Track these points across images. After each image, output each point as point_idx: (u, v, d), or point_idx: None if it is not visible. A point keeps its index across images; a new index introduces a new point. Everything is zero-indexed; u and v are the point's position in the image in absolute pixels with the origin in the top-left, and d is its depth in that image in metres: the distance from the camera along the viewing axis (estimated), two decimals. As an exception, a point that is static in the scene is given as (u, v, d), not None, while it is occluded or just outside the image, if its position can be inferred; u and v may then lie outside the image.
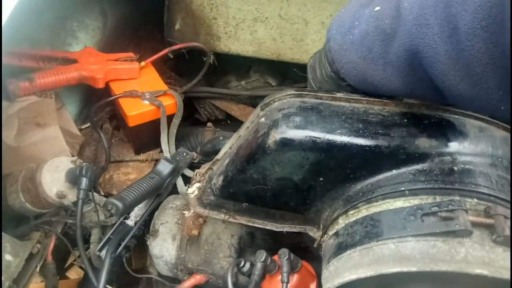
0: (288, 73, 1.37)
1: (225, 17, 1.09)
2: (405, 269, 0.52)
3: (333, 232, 0.67)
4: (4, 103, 0.83)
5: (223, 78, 1.41)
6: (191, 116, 1.39)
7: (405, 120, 0.64)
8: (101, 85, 0.95)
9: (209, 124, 1.21)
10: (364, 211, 0.63)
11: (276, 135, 0.63)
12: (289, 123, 0.63)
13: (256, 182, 0.71)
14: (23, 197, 0.75)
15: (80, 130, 1.03)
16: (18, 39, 0.87)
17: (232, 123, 1.38)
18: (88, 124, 1.06)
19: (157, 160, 1.06)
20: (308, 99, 0.67)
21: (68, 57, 0.93)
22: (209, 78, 1.40)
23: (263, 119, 0.68)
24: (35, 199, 0.74)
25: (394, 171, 0.62)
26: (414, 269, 0.51)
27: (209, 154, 1.00)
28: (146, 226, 0.96)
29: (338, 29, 0.65)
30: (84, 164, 0.74)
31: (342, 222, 0.66)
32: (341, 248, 0.63)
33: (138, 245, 0.97)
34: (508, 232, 0.51)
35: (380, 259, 0.55)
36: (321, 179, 0.66)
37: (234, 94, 1.32)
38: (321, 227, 0.74)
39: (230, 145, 0.79)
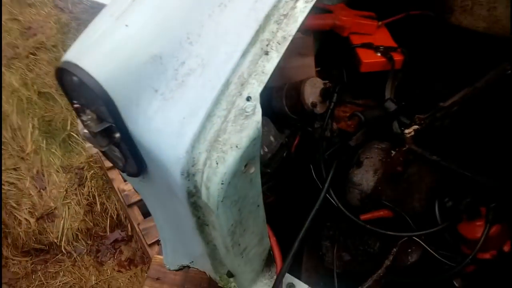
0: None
1: (468, -10, 1.15)
2: None
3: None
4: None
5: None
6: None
7: None
8: (346, 34, 1.15)
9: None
10: None
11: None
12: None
13: (487, 130, 0.79)
14: (284, 102, 1.01)
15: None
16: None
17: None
18: (319, 69, 1.29)
19: (369, 107, 1.22)
20: None
21: (327, 7, 1.16)
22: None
23: (510, 71, 0.75)
24: (293, 105, 0.99)
25: None
26: None
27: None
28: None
29: None
30: (334, 86, 0.96)
31: None
32: None
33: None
34: None
35: None
36: None
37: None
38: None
39: (461, 96, 0.88)
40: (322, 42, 1.32)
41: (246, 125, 0.59)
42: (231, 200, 0.63)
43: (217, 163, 0.58)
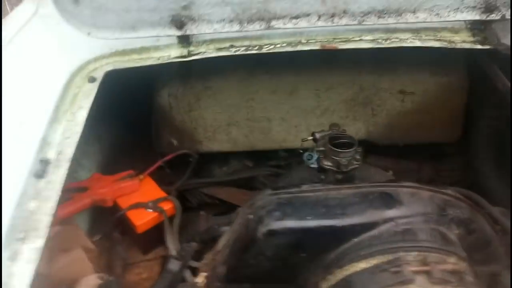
0: (259, 156, 1.60)
1: (203, 126, 1.33)
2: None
3: (317, 295, 0.85)
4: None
5: (207, 167, 1.62)
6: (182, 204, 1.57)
7: (356, 199, 0.86)
8: (110, 204, 1.13)
9: (202, 212, 1.39)
10: (338, 274, 0.81)
11: (263, 229, 0.83)
12: (271, 218, 0.84)
13: (253, 266, 0.89)
14: (62, 316, 0.89)
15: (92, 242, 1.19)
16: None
17: (219, 205, 1.55)
18: (99, 237, 1.22)
19: (164, 256, 1.21)
20: (282, 195, 0.88)
21: (81, 186, 1.12)
22: (193, 170, 1.61)
23: (251, 216, 0.88)
24: (73, 316, 0.88)
25: (354, 239, 0.82)
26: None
27: (208, 242, 1.17)
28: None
29: None
30: (111, 279, 0.90)
31: (325, 286, 0.84)
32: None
33: None
34: (440, 275, 0.71)
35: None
36: (303, 255, 0.85)
37: (219, 181, 1.51)
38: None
39: (227, 238, 0.97)
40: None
41: None
42: None
43: None
